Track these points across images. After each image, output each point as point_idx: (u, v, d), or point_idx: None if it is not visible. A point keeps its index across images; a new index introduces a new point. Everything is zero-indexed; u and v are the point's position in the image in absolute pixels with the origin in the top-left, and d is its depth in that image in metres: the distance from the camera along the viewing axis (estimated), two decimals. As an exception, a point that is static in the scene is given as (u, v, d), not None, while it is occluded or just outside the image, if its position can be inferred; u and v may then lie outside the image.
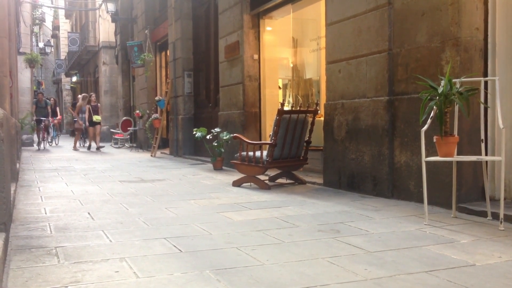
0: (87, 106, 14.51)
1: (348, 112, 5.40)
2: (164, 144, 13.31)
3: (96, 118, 14.40)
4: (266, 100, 8.28)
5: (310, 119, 6.03)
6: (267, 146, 5.89)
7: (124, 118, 16.29)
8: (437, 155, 3.71)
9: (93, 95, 15.35)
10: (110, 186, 6.21)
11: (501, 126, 3.50)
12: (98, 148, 14.02)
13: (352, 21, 5.32)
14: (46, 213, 4.32)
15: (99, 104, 15.43)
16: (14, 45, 11.33)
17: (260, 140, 7.99)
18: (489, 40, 4.25)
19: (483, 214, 3.86)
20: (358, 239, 3.26)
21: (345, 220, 3.85)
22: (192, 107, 11.43)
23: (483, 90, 3.88)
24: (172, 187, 6.02)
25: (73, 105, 20.60)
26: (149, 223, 3.86)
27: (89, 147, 14.37)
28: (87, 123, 14.44)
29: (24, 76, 19.19)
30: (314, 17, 7.80)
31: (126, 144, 15.91)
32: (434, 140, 3.66)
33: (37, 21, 28.02)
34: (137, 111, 14.28)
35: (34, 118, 15.09)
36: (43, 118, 14.94)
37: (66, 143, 18.05)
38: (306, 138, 6.09)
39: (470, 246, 3.04)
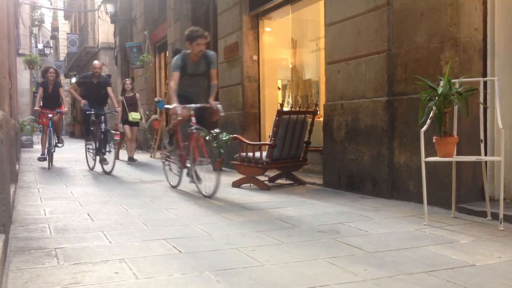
0: (120, 97, 10.18)
1: (347, 113, 5.40)
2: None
3: (133, 116, 10.03)
4: (265, 101, 8.28)
5: (309, 120, 6.03)
6: (267, 147, 5.88)
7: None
8: (436, 156, 3.71)
9: (128, 81, 10.53)
10: (110, 187, 6.20)
11: (501, 126, 3.50)
12: (130, 160, 9.99)
13: (351, 22, 5.32)
14: (45, 215, 4.31)
15: (137, 94, 10.70)
16: (13, 47, 11.33)
17: (260, 141, 7.99)
18: (488, 40, 4.26)
19: (483, 214, 3.86)
20: (357, 239, 3.25)
21: (345, 221, 3.85)
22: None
23: (482, 91, 3.89)
24: (172, 188, 6.01)
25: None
26: (148, 224, 3.86)
27: (130, 159, 10.05)
28: (120, 123, 10.12)
29: (23, 78, 19.22)
30: (313, 17, 7.81)
31: (125, 145, 15.89)
32: (434, 141, 3.66)
33: (36, 23, 28.04)
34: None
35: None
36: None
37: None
38: (306, 139, 6.09)
39: (469, 246, 3.04)
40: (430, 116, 3.69)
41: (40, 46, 32.95)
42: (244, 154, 6.01)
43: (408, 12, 4.62)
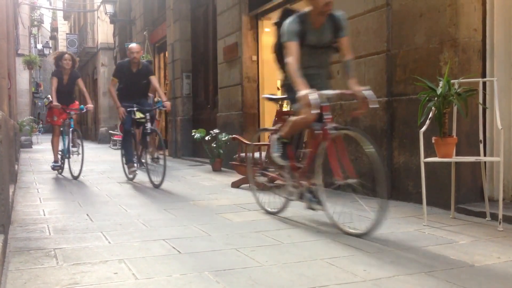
0: None
1: (346, 113, 5.39)
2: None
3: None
4: (265, 101, 8.27)
5: (308, 120, 6.01)
6: (266, 147, 5.87)
7: (123, 119, 16.26)
8: (435, 156, 3.71)
9: None
10: (109, 187, 6.20)
11: (500, 126, 3.50)
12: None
13: (350, 22, 5.30)
14: (44, 215, 4.31)
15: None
16: (13, 47, 11.33)
17: (259, 141, 7.99)
18: (487, 41, 4.26)
19: (482, 214, 3.86)
20: (357, 240, 3.25)
21: (344, 221, 3.84)
22: (191, 109, 11.42)
23: (482, 91, 3.89)
24: (171, 189, 6.01)
25: None
26: (148, 224, 3.86)
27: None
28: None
29: (23, 78, 19.23)
30: (312, 18, 7.80)
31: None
32: (433, 141, 3.66)
33: (35, 23, 28.04)
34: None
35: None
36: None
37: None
38: (305, 139, 6.08)
39: (469, 246, 3.04)
40: (430, 116, 3.70)
41: (39, 46, 32.96)
42: (243, 154, 6.00)
43: (407, 13, 4.62)
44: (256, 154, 5.90)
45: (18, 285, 2.42)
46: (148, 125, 6.36)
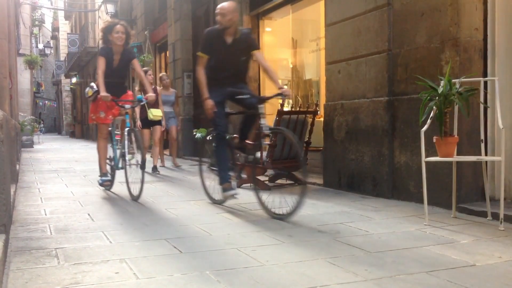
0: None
1: (347, 113, 5.40)
2: (164, 145, 13.30)
3: (154, 113, 6.91)
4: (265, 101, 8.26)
5: (309, 120, 6.03)
6: (267, 147, 5.88)
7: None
8: (437, 156, 3.71)
9: (150, 71, 8.48)
10: (110, 187, 6.19)
11: (501, 126, 3.50)
12: (154, 169, 7.83)
13: (351, 22, 5.32)
14: (46, 215, 4.31)
15: (158, 88, 8.62)
16: (14, 47, 11.33)
17: (260, 141, 7.98)
18: (489, 40, 4.25)
19: (483, 214, 3.86)
20: (358, 239, 3.25)
21: (345, 221, 3.85)
22: (192, 108, 11.43)
23: (483, 90, 3.88)
24: (172, 188, 6.02)
25: None
26: (149, 224, 3.86)
27: (152, 167, 7.78)
28: (138, 122, 7.91)
29: (24, 78, 19.26)
30: (313, 17, 7.81)
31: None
32: (434, 141, 3.66)
33: (36, 23, 28.09)
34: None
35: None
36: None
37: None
38: (306, 139, 6.09)
39: (470, 246, 3.04)
40: (431, 116, 3.69)
41: (40, 46, 33.04)
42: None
43: (408, 12, 4.62)
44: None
45: (19, 284, 2.42)
46: (263, 122, 4.49)
